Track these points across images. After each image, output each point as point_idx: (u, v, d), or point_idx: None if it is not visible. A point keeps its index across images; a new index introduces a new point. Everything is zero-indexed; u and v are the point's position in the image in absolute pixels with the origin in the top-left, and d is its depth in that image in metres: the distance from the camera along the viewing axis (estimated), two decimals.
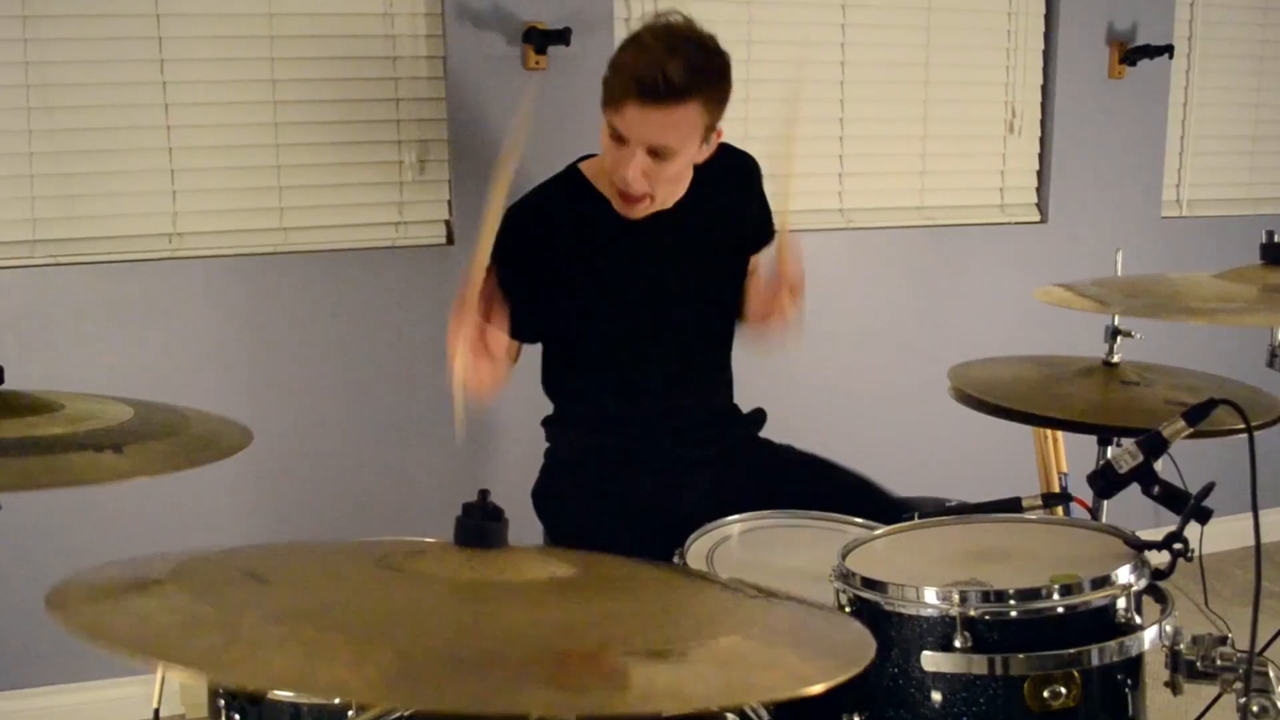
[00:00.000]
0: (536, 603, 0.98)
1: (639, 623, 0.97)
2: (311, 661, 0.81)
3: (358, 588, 1.01)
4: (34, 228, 2.58)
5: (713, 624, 1.00)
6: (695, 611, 1.07)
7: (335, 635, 0.85)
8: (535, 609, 0.96)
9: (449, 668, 0.81)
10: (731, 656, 0.91)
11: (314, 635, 0.85)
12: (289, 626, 0.86)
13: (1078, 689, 1.31)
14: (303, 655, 0.81)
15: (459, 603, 0.97)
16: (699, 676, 0.87)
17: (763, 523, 1.85)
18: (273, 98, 2.69)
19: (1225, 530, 1.72)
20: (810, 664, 0.94)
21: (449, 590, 0.99)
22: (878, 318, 3.28)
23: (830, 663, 0.93)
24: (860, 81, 3.16)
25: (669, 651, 0.89)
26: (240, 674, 0.82)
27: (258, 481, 2.77)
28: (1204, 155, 3.59)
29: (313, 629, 0.86)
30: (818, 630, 1.06)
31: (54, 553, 2.58)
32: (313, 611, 0.92)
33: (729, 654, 0.92)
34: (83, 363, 2.61)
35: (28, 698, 2.67)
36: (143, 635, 0.85)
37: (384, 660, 0.81)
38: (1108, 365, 2.09)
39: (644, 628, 0.96)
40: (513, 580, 1.01)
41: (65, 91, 2.56)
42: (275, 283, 2.74)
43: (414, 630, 0.89)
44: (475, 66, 2.76)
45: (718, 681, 0.86)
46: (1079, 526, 1.59)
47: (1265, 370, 1.97)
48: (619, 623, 0.97)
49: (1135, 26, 3.35)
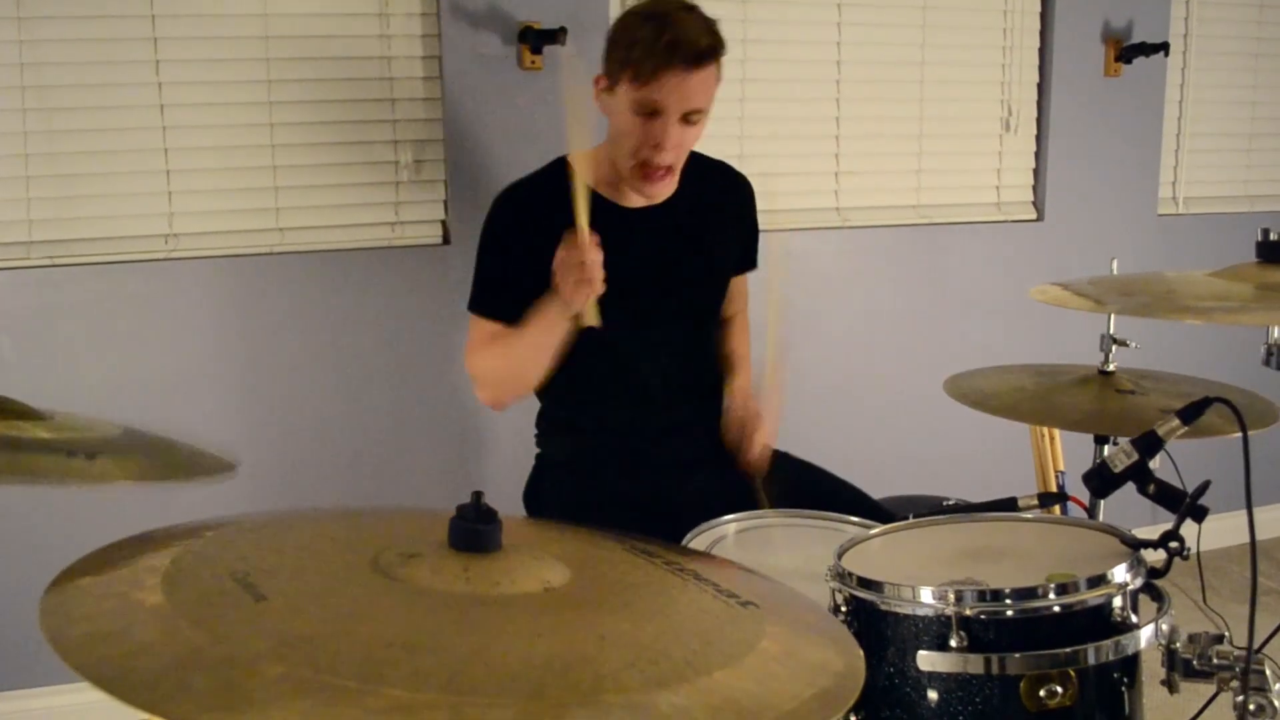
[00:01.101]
0: (531, 626, 0.97)
1: (632, 652, 0.96)
2: (310, 712, 0.79)
3: (354, 607, 1.00)
4: (30, 229, 2.58)
5: (707, 653, 0.99)
6: (688, 633, 1.05)
7: (334, 679, 0.83)
8: (531, 639, 0.95)
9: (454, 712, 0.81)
10: (724, 697, 0.91)
11: (311, 677, 0.83)
12: (286, 667, 0.84)
13: (1074, 688, 1.31)
14: (303, 707, 0.80)
15: (456, 631, 0.95)
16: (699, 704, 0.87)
17: (759, 522, 1.85)
18: (268, 98, 2.68)
19: (1222, 528, 1.72)
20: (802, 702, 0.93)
21: (446, 611, 0.98)
22: (873, 316, 3.28)
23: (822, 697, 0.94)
24: (856, 80, 3.16)
25: (661, 685, 0.89)
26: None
27: (251, 480, 2.74)
28: (1200, 153, 3.59)
29: (309, 669, 0.84)
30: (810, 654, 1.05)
31: (50, 554, 2.57)
32: (309, 641, 0.90)
33: (721, 692, 0.91)
34: (79, 364, 2.60)
35: (26, 699, 2.66)
36: (134, 678, 0.84)
37: (380, 706, 0.80)
38: (1103, 373, 2.10)
39: (637, 657, 0.94)
40: (507, 593, 1.00)
41: (61, 92, 2.55)
42: (271, 283, 2.74)
43: (411, 671, 0.87)
44: (471, 66, 2.76)
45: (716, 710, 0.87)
46: (1075, 525, 1.59)
47: (1260, 373, 1.97)
48: (612, 650, 0.96)
49: (1131, 24, 3.35)
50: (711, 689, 0.92)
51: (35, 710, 2.67)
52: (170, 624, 0.90)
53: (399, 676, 0.85)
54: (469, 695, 0.84)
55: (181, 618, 0.91)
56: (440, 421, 2.86)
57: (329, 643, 0.90)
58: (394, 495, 2.86)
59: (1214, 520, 1.48)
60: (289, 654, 0.86)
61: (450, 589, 1.01)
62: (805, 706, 0.93)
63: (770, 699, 0.94)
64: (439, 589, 1.01)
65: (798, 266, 3.13)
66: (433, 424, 2.84)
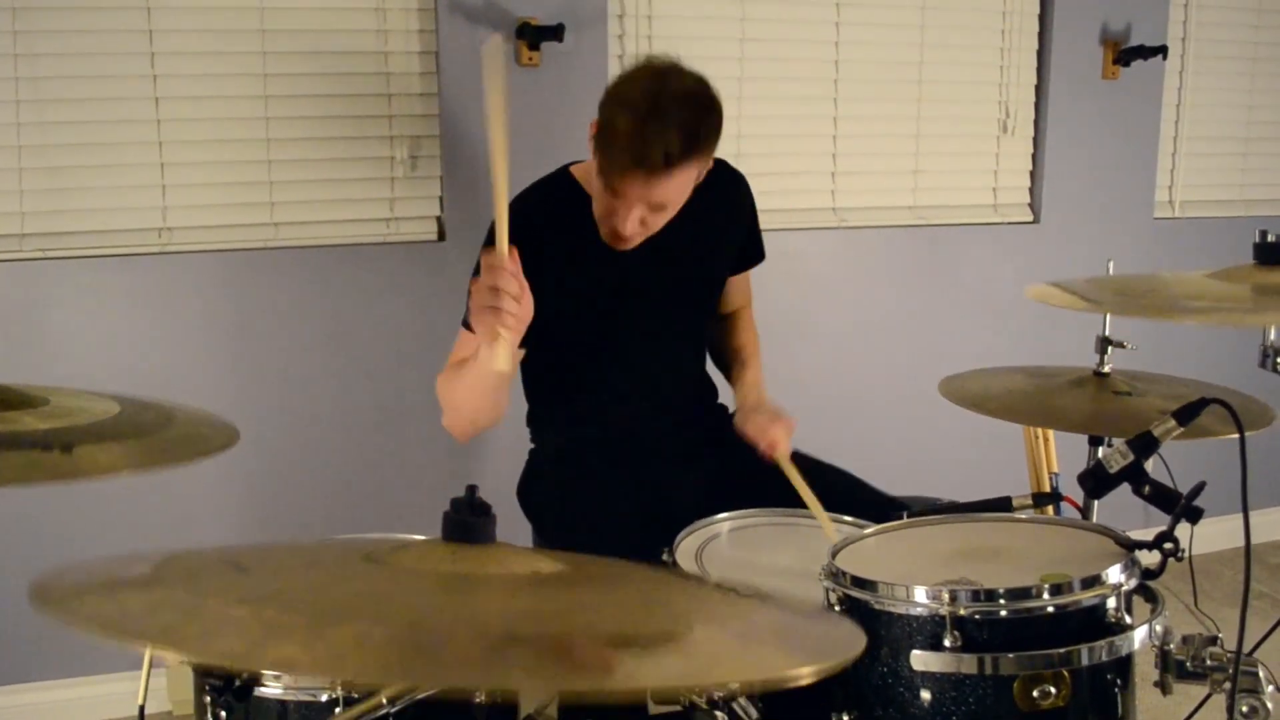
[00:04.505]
0: (513, 593, 0.98)
1: (617, 612, 0.97)
2: (263, 639, 0.82)
3: (335, 577, 1.01)
4: (23, 221, 2.57)
5: (694, 615, 1.00)
6: (678, 605, 1.06)
7: (295, 616, 0.86)
8: (511, 598, 0.96)
9: (408, 648, 0.82)
10: (711, 644, 0.91)
11: (274, 616, 0.86)
12: (252, 608, 0.87)
13: (1067, 688, 1.30)
14: (258, 633, 0.83)
15: (433, 591, 0.96)
16: (677, 659, 0.86)
17: (752, 521, 1.85)
18: (264, 92, 2.68)
19: (1216, 531, 1.72)
20: (794, 654, 0.93)
21: (426, 580, 0.99)
22: (870, 317, 3.28)
23: (814, 653, 0.92)
24: (854, 80, 3.16)
25: (646, 637, 0.89)
26: (191, 649, 0.84)
27: (246, 476, 2.76)
28: (1197, 156, 3.59)
29: (275, 610, 0.87)
30: (804, 626, 1.06)
31: (41, 549, 2.57)
32: (281, 595, 0.93)
33: (709, 642, 0.91)
34: (71, 357, 2.60)
35: (15, 694, 2.66)
36: (106, 613, 0.87)
37: (337, 639, 0.82)
38: (1099, 375, 2.10)
39: (622, 617, 0.95)
40: (494, 573, 1.00)
41: (55, 84, 2.55)
42: (265, 278, 2.73)
43: (378, 613, 0.89)
44: (467, 62, 2.75)
45: (696, 664, 0.86)
46: (1069, 526, 1.59)
47: (1256, 375, 1.97)
48: (596, 611, 0.97)
49: (1129, 27, 3.35)
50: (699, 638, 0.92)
51: (23, 706, 2.67)
52: (156, 588, 0.94)
53: (365, 616, 0.88)
54: (433, 632, 0.86)
55: (165, 583, 0.95)
56: (434, 418, 2.84)
57: (294, 595, 0.94)
58: (388, 491, 2.86)
59: (1206, 524, 1.47)
60: (258, 602, 0.90)
61: (436, 568, 1.01)
62: (800, 654, 0.92)
63: (763, 647, 0.94)
64: (424, 568, 1.02)
65: (794, 267, 3.13)
66: (427, 420, 2.82)
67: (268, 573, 1.00)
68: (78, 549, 2.50)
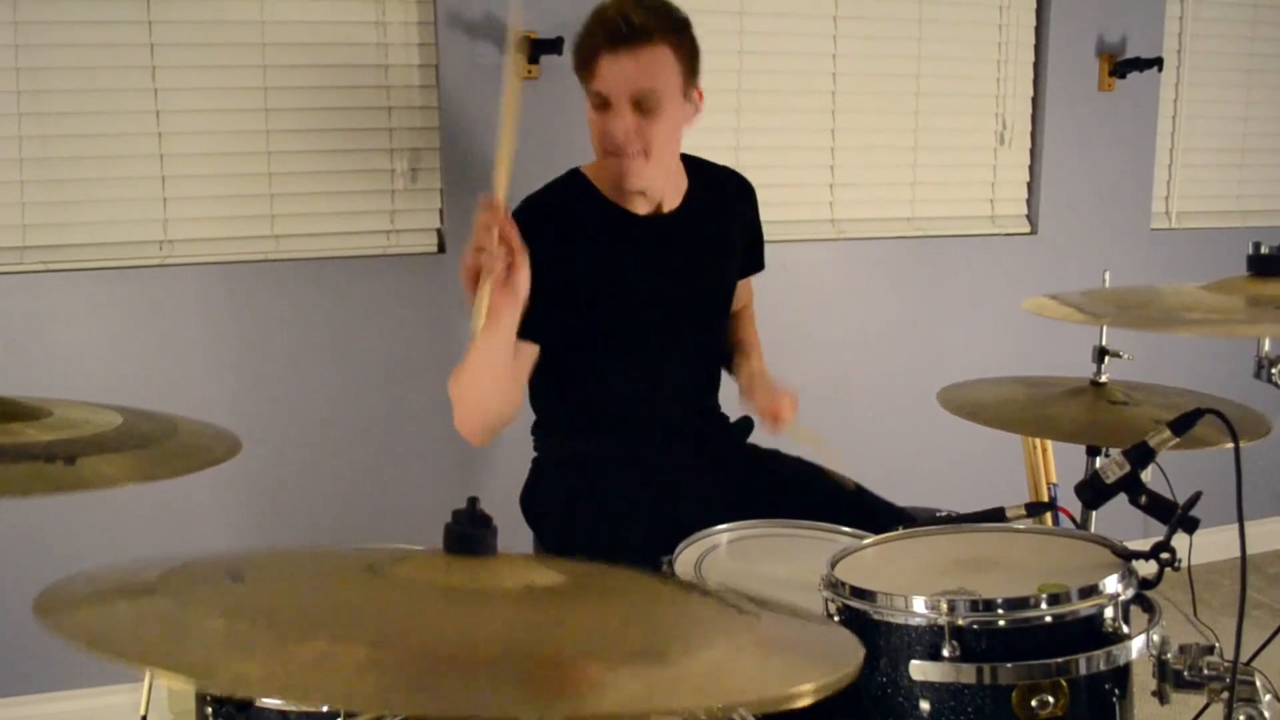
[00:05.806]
0: (516, 608, 0.97)
1: (622, 629, 0.96)
2: (224, 655, 0.81)
3: (331, 589, 1.01)
4: (24, 234, 2.58)
5: (699, 632, 0.99)
6: (682, 620, 1.06)
7: (263, 632, 0.86)
8: (514, 614, 0.95)
9: (373, 670, 0.80)
10: (718, 663, 0.90)
11: (244, 630, 0.86)
12: (228, 621, 0.87)
13: (1065, 698, 1.31)
14: (219, 649, 0.82)
15: (431, 607, 0.96)
16: (682, 682, 0.85)
17: (751, 532, 1.86)
18: (264, 105, 2.69)
19: (1213, 541, 1.73)
20: (799, 672, 0.93)
21: (425, 595, 0.98)
22: (867, 327, 3.28)
23: (819, 670, 0.92)
24: (851, 92, 3.17)
25: (650, 656, 0.88)
26: (158, 663, 0.82)
27: (247, 488, 2.77)
28: (1193, 168, 3.61)
29: (247, 624, 0.87)
30: (807, 639, 1.06)
31: (44, 561, 2.57)
32: (264, 608, 0.92)
33: (715, 661, 0.91)
34: (73, 369, 2.60)
35: (18, 706, 2.65)
36: (93, 625, 0.87)
37: (296, 659, 0.80)
38: (1095, 385, 2.11)
39: (626, 634, 0.95)
40: (494, 586, 1.00)
41: (57, 97, 2.56)
42: (266, 290, 2.74)
43: (349, 630, 0.88)
44: (467, 75, 2.76)
45: (702, 687, 0.85)
46: (1067, 536, 1.60)
47: (1251, 385, 1.98)
48: (600, 628, 0.96)
49: (1125, 39, 3.37)
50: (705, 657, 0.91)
51: (33, 717, 2.67)
52: (148, 595, 0.93)
53: (320, 636, 0.86)
54: (434, 655, 0.84)
55: (160, 593, 0.94)
56: (435, 429, 2.86)
57: (275, 608, 0.93)
58: (389, 503, 2.86)
59: (1204, 534, 1.48)
60: (234, 613, 0.90)
61: (435, 581, 1.01)
62: (805, 672, 0.92)
63: (769, 665, 0.94)
64: (417, 580, 1.01)
65: (792, 278, 3.14)
66: (428, 431, 2.84)
67: (263, 583, 1.00)
68: (80, 561, 2.49)
